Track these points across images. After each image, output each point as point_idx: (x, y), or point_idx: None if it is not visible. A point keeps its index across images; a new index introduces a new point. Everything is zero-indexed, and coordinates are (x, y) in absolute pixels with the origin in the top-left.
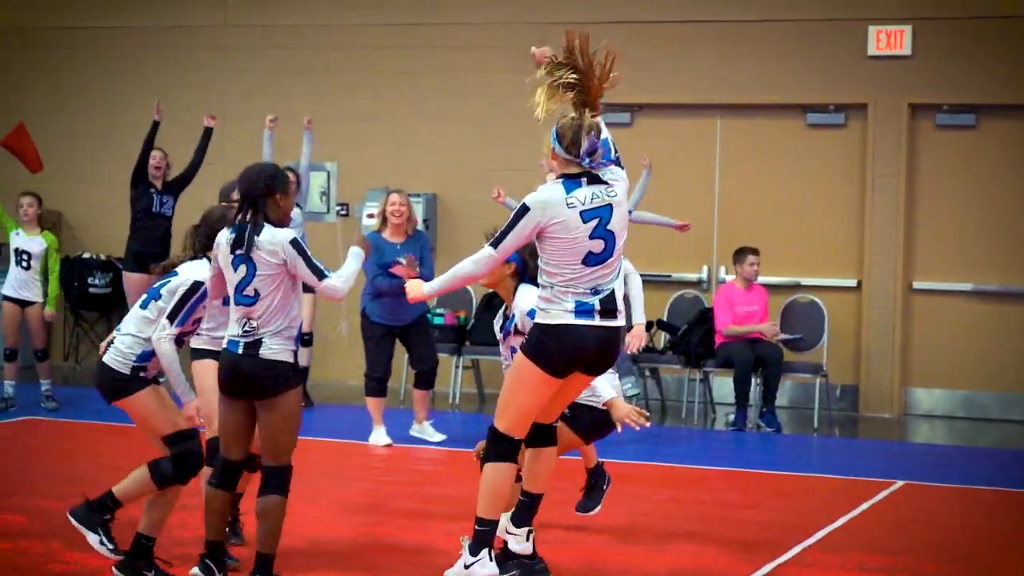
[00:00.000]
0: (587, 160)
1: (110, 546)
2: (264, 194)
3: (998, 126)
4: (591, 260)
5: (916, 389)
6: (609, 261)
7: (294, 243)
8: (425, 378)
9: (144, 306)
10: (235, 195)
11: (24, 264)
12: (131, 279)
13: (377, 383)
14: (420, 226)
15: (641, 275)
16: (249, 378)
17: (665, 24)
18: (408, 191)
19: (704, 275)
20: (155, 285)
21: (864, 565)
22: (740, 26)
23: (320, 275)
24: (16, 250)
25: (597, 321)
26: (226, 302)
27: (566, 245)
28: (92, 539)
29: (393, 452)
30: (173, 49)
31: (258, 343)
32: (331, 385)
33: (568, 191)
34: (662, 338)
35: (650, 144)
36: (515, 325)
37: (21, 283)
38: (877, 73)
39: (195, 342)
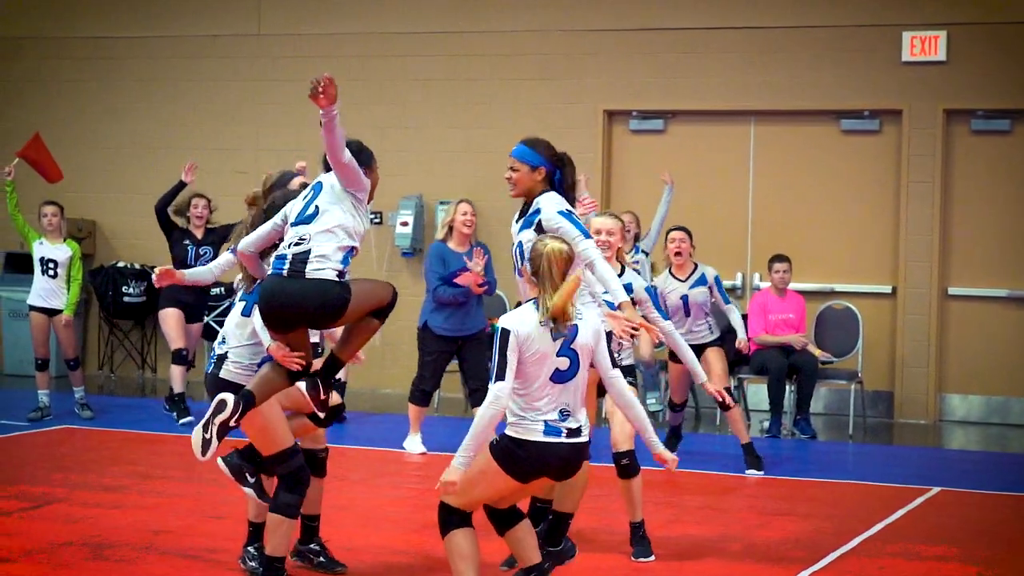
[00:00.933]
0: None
1: None
2: None
3: None
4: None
5: (951, 395)
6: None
7: None
8: (479, 395)
9: (246, 313)
10: (297, 182)
11: (51, 273)
12: (168, 315)
13: (423, 394)
14: None
15: None
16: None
17: (698, 31)
18: (439, 199)
19: (738, 282)
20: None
21: (901, 571)
22: (774, 32)
23: None
24: (42, 259)
25: (563, 439)
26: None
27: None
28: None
29: (428, 460)
30: (207, 59)
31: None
32: (364, 394)
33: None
34: None
35: (684, 151)
36: (539, 220)
37: (48, 292)
38: (912, 79)
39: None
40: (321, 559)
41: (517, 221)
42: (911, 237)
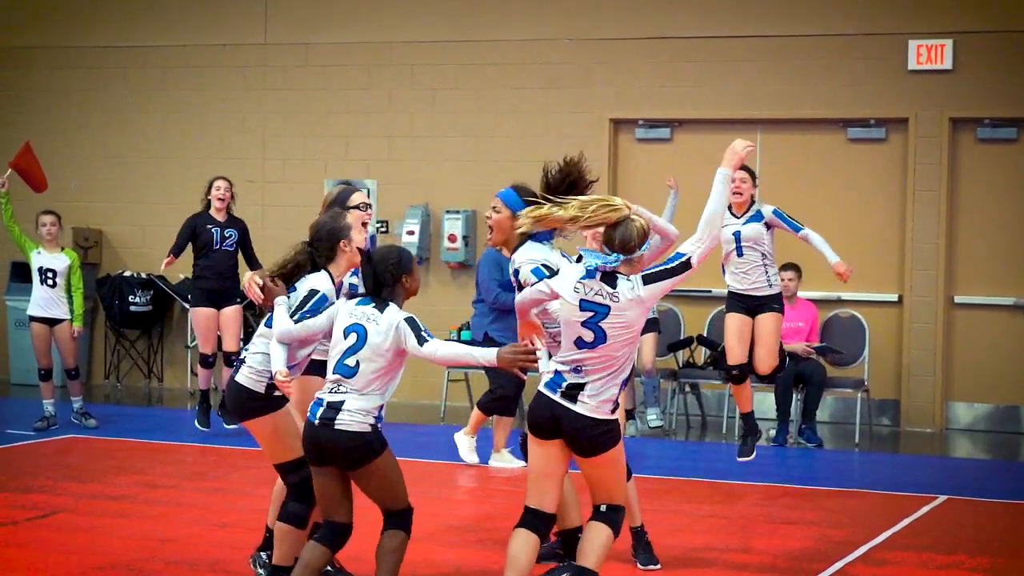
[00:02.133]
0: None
1: None
2: (393, 282)
3: None
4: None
5: (957, 403)
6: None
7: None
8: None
9: (269, 324)
10: (357, 199)
11: (50, 282)
12: (198, 314)
13: (512, 402)
14: (459, 242)
15: (681, 291)
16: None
17: (705, 39)
18: (447, 208)
19: None
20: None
21: None
22: (780, 41)
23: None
24: (40, 269)
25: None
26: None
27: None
28: None
29: (438, 469)
30: (213, 68)
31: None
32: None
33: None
34: (702, 353)
35: (690, 159)
36: (519, 282)
37: (48, 301)
38: (918, 87)
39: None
40: (328, 568)
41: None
42: (917, 245)
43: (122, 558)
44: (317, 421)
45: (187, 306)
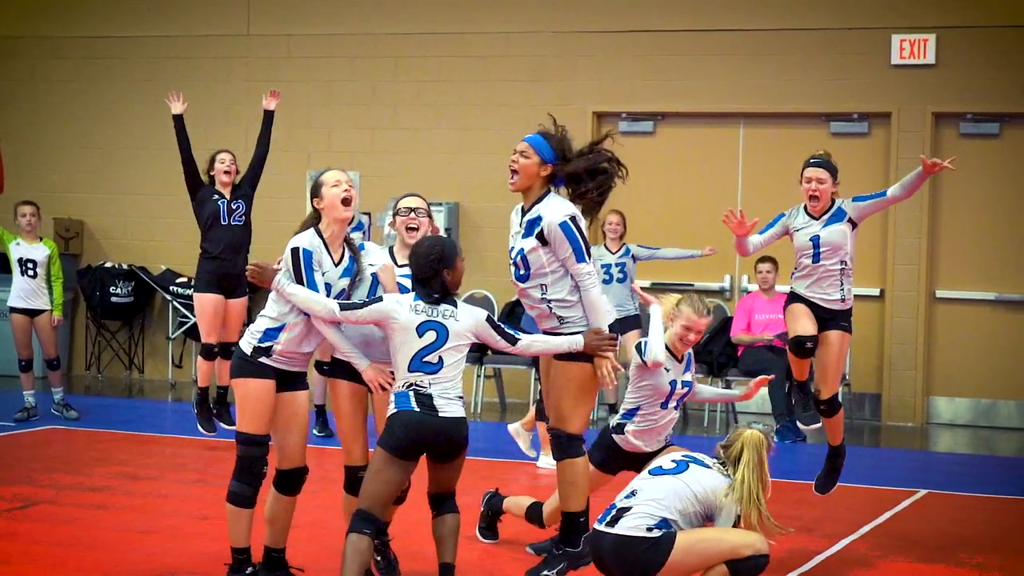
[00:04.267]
0: None
1: None
2: (433, 275)
3: (1022, 134)
4: None
5: (938, 398)
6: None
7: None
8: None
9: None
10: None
11: (30, 273)
12: (203, 300)
13: None
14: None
15: (663, 284)
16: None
17: (687, 33)
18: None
19: (726, 284)
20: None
21: (888, 574)
22: (763, 35)
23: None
24: (20, 260)
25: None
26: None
27: None
28: None
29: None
30: (195, 59)
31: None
32: None
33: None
34: None
35: (673, 153)
36: (541, 229)
37: (28, 292)
38: (901, 82)
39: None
40: (378, 557)
41: (521, 226)
42: (899, 240)
43: (103, 550)
44: (418, 409)
45: (168, 297)
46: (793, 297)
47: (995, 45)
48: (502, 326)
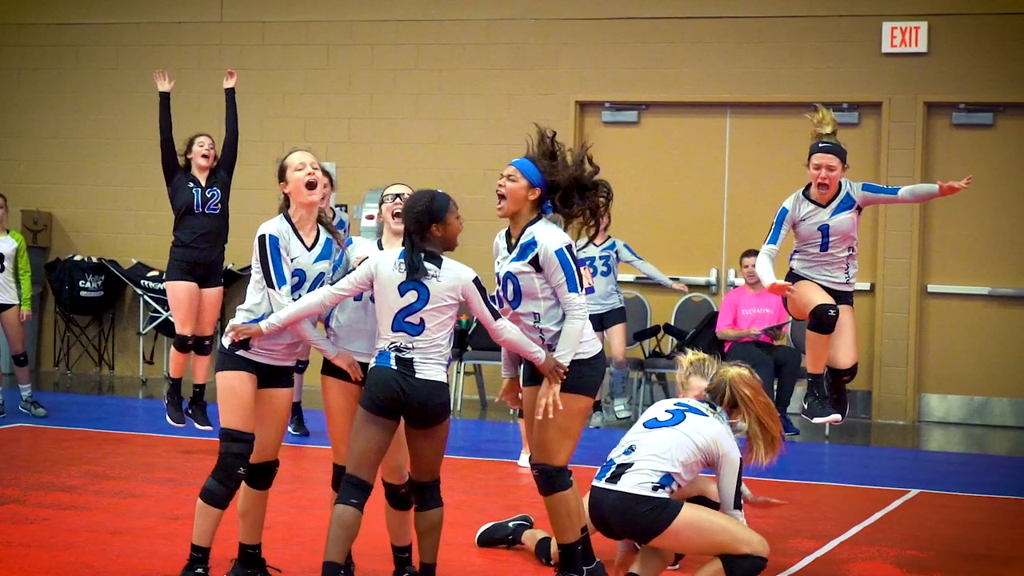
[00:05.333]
0: None
1: None
2: (420, 230)
3: (1016, 125)
4: None
5: (930, 395)
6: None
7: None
8: None
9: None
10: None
11: None
12: (176, 288)
13: None
14: None
15: (646, 279)
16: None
17: (673, 20)
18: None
19: (712, 278)
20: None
21: (878, 574)
22: (751, 22)
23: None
24: None
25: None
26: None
27: None
28: None
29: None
30: (167, 46)
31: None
32: None
33: None
34: (669, 342)
35: (657, 143)
36: (535, 255)
37: None
38: (892, 71)
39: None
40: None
41: (509, 251)
42: (890, 233)
43: (71, 551)
44: (395, 367)
45: (139, 291)
46: (795, 276)
47: (988, 33)
48: (488, 296)
